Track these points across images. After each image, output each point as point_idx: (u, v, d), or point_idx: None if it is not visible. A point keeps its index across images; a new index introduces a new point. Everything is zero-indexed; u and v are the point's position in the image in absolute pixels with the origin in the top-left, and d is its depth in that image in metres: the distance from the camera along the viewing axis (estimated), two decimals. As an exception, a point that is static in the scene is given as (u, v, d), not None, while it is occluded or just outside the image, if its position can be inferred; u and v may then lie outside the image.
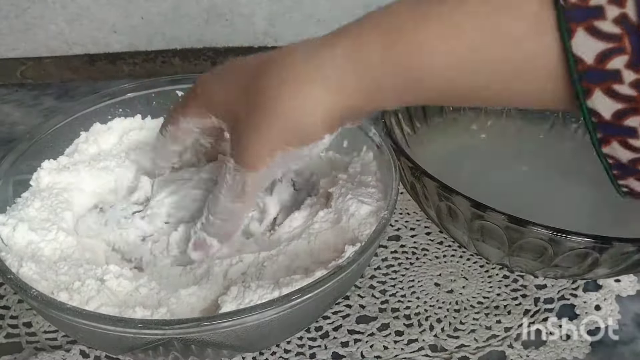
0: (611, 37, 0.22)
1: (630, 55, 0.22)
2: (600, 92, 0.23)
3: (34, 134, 0.46)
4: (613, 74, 0.23)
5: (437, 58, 0.27)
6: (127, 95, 0.50)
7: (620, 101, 0.23)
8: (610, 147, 0.25)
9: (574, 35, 0.23)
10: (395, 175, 0.41)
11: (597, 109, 0.24)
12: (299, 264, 0.39)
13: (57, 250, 0.40)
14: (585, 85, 0.24)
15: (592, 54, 0.23)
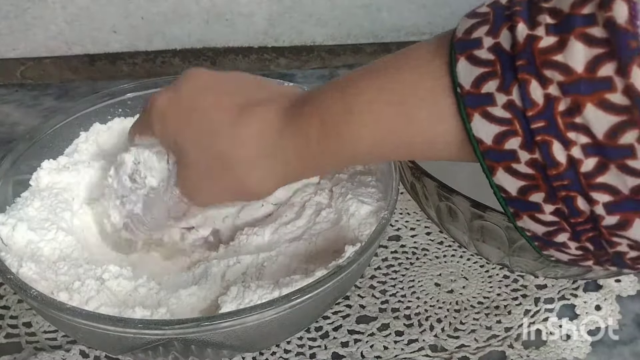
0: (504, 121, 0.24)
1: (523, 137, 0.24)
2: (502, 171, 0.25)
3: (33, 134, 0.46)
4: (510, 153, 0.24)
5: (363, 142, 0.30)
6: (126, 95, 0.50)
7: (522, 179, 0.25)
8: (522, 221, 0.26)
9: (472, 119, 0.25)
10: (395, 175, 0.41)
11: (503, 185, 0.26)
12: (299, 264, 0.39)
13: (56, 250, 0.40)
14: (489, 163, 0.25)
15: (490, 136, 0.25)
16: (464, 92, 0.25)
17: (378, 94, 0.29)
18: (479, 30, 0.25)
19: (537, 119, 0.23)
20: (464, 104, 0.25)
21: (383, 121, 0.29)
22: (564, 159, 0.23)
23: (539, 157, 0.23)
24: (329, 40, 0.76)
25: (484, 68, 0.24)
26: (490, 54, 0.24)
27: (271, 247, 0.40)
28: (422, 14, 0.74)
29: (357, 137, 0.30)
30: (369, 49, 0.77)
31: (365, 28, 0.75)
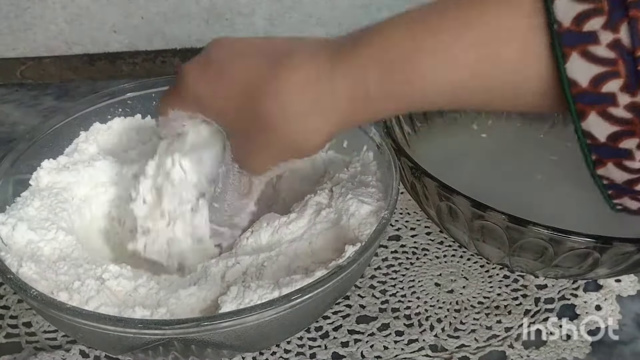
0: (606, 61, 0.23)
1: (625, 78, 0.22)
2: (595, 115, 0.24)
3: (33, 133, 0.46)
4: (608, 97, 0.23)
5: (436, 87, 0.28)
6: (126, 95, 0.50)
7: (616, 124, 0.24)
8: (605, 168, 0.25)
9: (569, 59, 0.23)
10: (396, 175, 0.41)
11: (591, 131, 0.24)
12: (299, 264, 0.39)
13: (56, 249, 0.40)
14: (580, 107, 0.24)
15: (586, 78, 0.23)
16: (563, 30, 0.23)
17: (457, 32, 0.27)
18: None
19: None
20: (561, 42, 0.23)
21: (463, 63, 0.27)
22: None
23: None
24: (329, 40, 0.76)
25: (589, 4, 0.23)
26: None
27: (271, 248, 0.40)
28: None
29: (429, 81, 0.28)
30: (369, 48, 0.77)
31: (365, 28, 0.75)
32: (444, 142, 0.56)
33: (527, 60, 0.25)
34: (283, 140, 0.33)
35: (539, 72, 0.25)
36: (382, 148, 0.44)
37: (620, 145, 0.24)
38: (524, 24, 0.25)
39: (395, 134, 0.50)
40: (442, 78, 0.28)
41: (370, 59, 0.29)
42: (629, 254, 0.40)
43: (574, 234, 0.39)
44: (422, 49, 0.27)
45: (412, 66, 0.28)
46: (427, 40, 0.27)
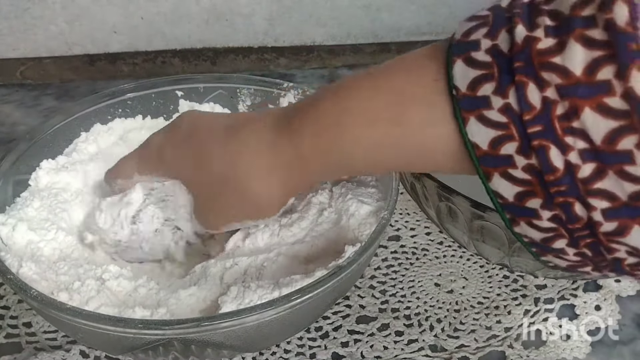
0: (500, 125, 0.24)
1: (519, 141, 0.23)
2: (498, 176, 0.25)
3: (34, 134, 0.46)
4: (506, 159, 0.24)
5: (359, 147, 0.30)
6: (127, 95, 0.50)
7: (518, 184, 0.24)
8: (520, 227, 0.26)
9: (467, 123, 0.25)
10: (395, 175, 0.41)
11: (499, 191, 0.25)
12: (299, 264, 0.39)
13: (56, 250, 0.40)
14: (484, 169, 0.25)
15: (485, 141, 0.24)
16: (460, 95, 0.25)
17: (373, 94, 0.29)
18: (477, 33, 0.25)
19: (534, 123, 0.23)
20: (459, 106, 0.25)
21: (378, 123, 0.28)
22: (561, 164, 0.22)
23: (536, 162, 0.23)
24: (329, 40, 0.76)
25: (481, 70, 0.24)
26: (488, 56, 0.24)
27: (270, 249, 0.40)
28: (422, 14, 0.74)
29: (352, 139, 0.30)
30: (369, 49, 0.77)
31: (365, 28, 0.76)
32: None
33: (433, 122, 0.26)
34: (239, 201, 0.35)
35: (445, 135, 0.26)
36: (381, 148, 0.44)
37: (527, 204, 0.25)
38: (430, 88, 0.26)
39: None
40: (364, 137, 0.29)
41: (304, 122, 0.32)
42: (629, 254, 0.40)
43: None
44: (346, 109, 0.30)
45: (338, 126, 0.30)
46: (350, 102, 0.30)
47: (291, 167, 0.33)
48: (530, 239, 0.26)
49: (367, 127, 0.29)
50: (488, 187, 0.25)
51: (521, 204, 0.25)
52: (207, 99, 0.52)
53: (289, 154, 0.32)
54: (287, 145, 0.32)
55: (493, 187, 0.25)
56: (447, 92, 0.25)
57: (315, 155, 0.32)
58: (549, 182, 0.23)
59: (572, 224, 0.24)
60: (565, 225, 0.24)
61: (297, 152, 0.32)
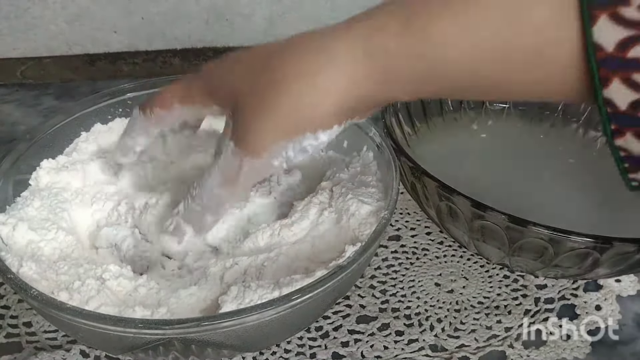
0: (635, 24, 0.22)
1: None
2: (619, 82, 0.23)
3: (34, 133, 0.46)
4: (634, 62, 0.22)
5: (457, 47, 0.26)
6: (127, 95, 0.50)
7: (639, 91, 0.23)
8: (623, 139, 0.24)
9: (596, 22, 0.22)
10: (396, 175, 0.41)
11: (613, 98, 0.23)
12: (299, 264, 0.39)
13: (56, 249, 0.40)
14: (604, 73, 0.23)
15: (613, 41, 0.22)
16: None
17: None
18: None
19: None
20: (589, 3, 0.23)
21: (486, 20, 0.25)
22: None
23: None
24: (329, 40, 0.76)
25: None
26: None
27: (270, 249, 0.40)
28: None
29: (450, 38, 0.26)
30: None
31: (365, 28, 0.75)
32: (444, 142, 0.56)
33: (556, 22, 0.24)
34: (292, 101, 0.30)
35: (564, 37, 0.24)
36: (382, 148, 0.44)
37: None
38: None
39: (395, 133, 0.51)
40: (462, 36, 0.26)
41: (390, 15, 0.28)
42: (629, 254, 0.40)
43: (574, 234, 0.39)
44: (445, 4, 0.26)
45: (437, 20, 0.26)
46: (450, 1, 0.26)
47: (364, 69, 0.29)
48: (629, 153, 0.25)
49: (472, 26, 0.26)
50: (601, 94, 0.24)
51: (636, 113, 0.23)
52: (207, 98, 0.52)
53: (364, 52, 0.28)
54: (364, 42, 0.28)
55: (608, 94, 0.23)
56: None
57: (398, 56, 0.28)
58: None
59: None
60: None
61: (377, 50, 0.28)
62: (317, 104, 0.30)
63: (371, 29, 0.28)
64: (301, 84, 0.30)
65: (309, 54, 0.30)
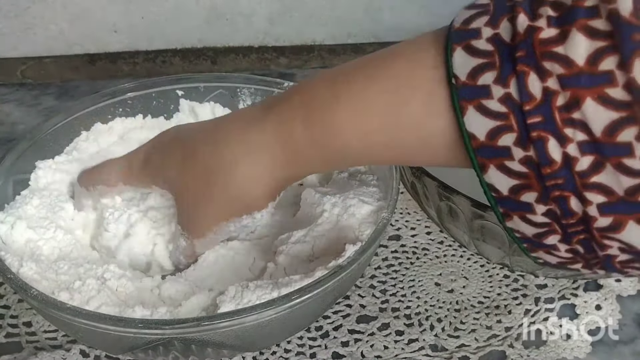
0: (499, 115, 0.23)
1: (518, 132, 0.23)
2: (494, 169, 0.24)
3: (34, 133, 0.46)
4: (504, 150, 0.23)
5: (350, 138, 0.29)
6: (127, 94, 0.50)
7: (514, 177, 0.24)
8: (512, 221, 0.26)
9: (466, 113, 0.24)
10: (396, 174, 0.41)
11: (494, 184, 0.25)
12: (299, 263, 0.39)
13: (55, 248, 0.40)
14: (480, 161, 0.24)
15: (483, 131, 0.24)
16: (459, 84, 0.24)
17: (369, 82, 0.28)
18: (478, 21, 0.24)
19: (534, 113, 0.22)
20: (458, 95, 0.24)
21: (373, 110, 0.28)
22: (559, 156, 0.22)
23: (534, 154, 0.23)
24: (329, 39, 0.76)
25: (482, 59, 0.24)
26: (489, 45, 0.23)
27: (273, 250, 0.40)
28: (423, 14, 0.74)
29: (345, 127, 0.29)
30: (369, 49, 0.77)
31: (365, 28, 0.75)
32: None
33: (431, 111, 0.26)
34: (223, 193, 0.34)
35: (442, 126, 0.25)
36: (382, 148, 0.44)
37: (521, 198, 0.24)
38: (429, 76, 0.26)
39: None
40: (355, 125, 0.29)
41: (295, 109, 0.31)
42: (629, 254, 0.40)
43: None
44: (338, 97, 0.29)
45: (331, 113, 0.29)
46: (343, 89, 0.29)
47: (279, 156, 0.32)
48: (522, 234, 0.26)
49: (363, 118, 0.28)
50: (482, 179, 0.25)
51: (516, 198, 0.24)
52: (207, 98, 0.52)
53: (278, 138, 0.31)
54: (277, 127, 0.31)
55: (488, 179, 0.25)
56: (446, 80, 0.25)
57: (307, 143, 0.31)
58: (545, 175, 0.23)
59: (566, 219, 0.24)
60: (559, 220, 0.24)
61: (287, 140, 0.31)
62: (245, 193, 0.34)
63: (280, 122, 0.31)
64: (227, 177, 0.34)
65: (228, 147, 0.33)
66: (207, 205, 0.35)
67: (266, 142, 0.32)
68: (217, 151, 0.33)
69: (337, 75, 0.30)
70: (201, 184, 0.35)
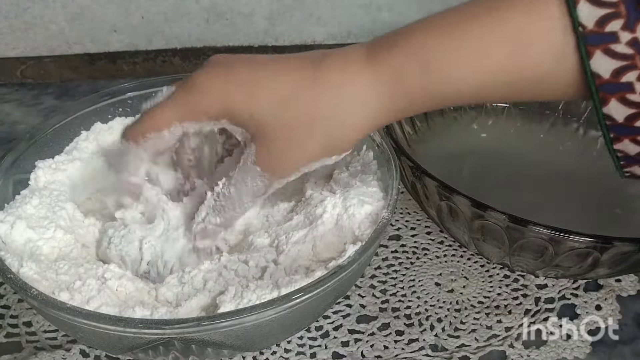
0: (625, 57, 0.27)
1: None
2: (615, 101, 0.28)
3: (34, 133, 0.46)
4: (627, 85, 0.27)
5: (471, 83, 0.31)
6: (127, 94, 0.50)
7: (632, 107, 0.27)
8: (621, 144, 0.29)
9: (592, 56, 0.27)
10: (396, 174, 0.41)
11: (611, 114, 0.28)
12: (300, 263, 0.39)
13: (55, 248, 0.40)
14: (602, 95, 0.28)
15: (608, 70, 0.27)
16: (587, 31, 0.27)
17: (487, 34, 0.30)
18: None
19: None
20: (585, 41, 0.27)
21: (495, 60, 0.30)
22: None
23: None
24: (329, 39, 0.76)
25: (608, 9, 0.26)
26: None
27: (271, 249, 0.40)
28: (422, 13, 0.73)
29: (465, 77, 0.31)
30: (369, 48, 0.77)
31: (365, 28, 0.75)
32: (444, 142, 0.56)
33: (555, 57, 0.29)
34: (322, 137, 0.35)
35: (564, 68, 0.28)
36: (382, 148, 0.44)
37: (636, 124, 0.28)
38: (551, 25, 0.28)
39: (396, 133, 0.51)
40: (476, 75, 0.31)
41: (408, 59, 0.32)
42: (629, 254, 0.40)
43: (574, 234, 0.39)
44: (457, 50, 0.31)
45: (449, 64, 0.31)
46: (460, 42, 0.31)
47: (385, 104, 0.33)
48: (626, 153, 0.30)
49: (482, 67, 0.30)
50: (601, 111, 0.28)
51: (630, 124, 0.28)
52: (207, 98, 0.52)
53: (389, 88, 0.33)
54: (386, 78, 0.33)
55: (607, 110, 0.28)
56: (571, 28, 0.27)
57: (419, 92, 0.32)
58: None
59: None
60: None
61: (399, 87, 0.32)
62: (344, 139, 0.35)
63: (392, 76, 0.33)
64: (331, 124, 0.34)
65: (333, 91, 0.34)
66: (301, 151, 0.35)
67: (375, 92, 0.33)
68: (323, 98, 0.34)
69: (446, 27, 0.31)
70: (300, 130, 0.34)
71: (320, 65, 0.34)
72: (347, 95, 0.33)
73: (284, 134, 0.35)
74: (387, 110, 0.34)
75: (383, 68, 0.33)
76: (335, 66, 0.34)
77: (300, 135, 0.35)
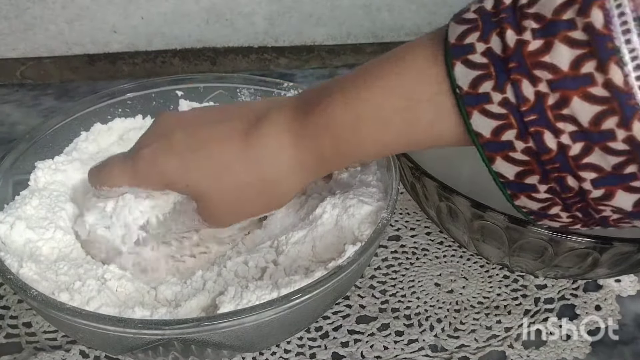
0: (500, 116, 0.27)
1: (517, 129, 0.27)
2: (501, 159, 0.28)
3: (33, 134, 0.46)
4: (507, 144, 0.28)
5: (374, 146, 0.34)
6: (127, 95, 0.50)
7: (518, 165, 0.28)
8: (520, 200, 0.30)
9: (472, 116, 0.28)
10: (396, 175, 0.41)
11: (501, 172, 0.29)
12: (299, 264, 0.39)
13: (55, 249, 0.40)
14: (488, 154, 0.29)
15: (488, 130, 0.28)
16: (463, 93, 0.28)
17: (384, 100, 0.32)
18: (470, 37, 0.28)
19: (530, 113, 0.26)
20: (463, 103, 0.28)
21: (392, 126, 0.32)
22: (554, 145, 0.26)
23: (533, 145, 0.27)
24: (329, 40, 0.76)
25: (479, 71, 0.27)
26: (484, 58, 0.27)
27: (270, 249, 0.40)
28: (422, 13, 0.74)
29: (368, 142, 0.34)
30: (369, 49, 0.77)
31: (365, 28, 0.76)
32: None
33: (442, 118, 0.30)
34: (256, 199, 0.37)
35: (451, 127, 0.30)
36: (382, 148, 0.44)
37: (526, 181, 0.28)
38: (435, 89, 0.30)
39: (395, 134, 0.50)
40: (377, 139, 0.33)
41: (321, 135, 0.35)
42: (629, 254, 0.40)
43: (574, 234, 0.39)
44: (360, 116, 0.33)
45: (355, 134, 0.34)
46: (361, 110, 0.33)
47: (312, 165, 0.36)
48: (529, 209, 0.30)
49: (381, 131, 0.33)
50: (491, 169, 0.29)
51: (521, 181, 0.29)
52: (207, 98, 0.52)
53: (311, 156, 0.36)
54: (309, 150, 0.35)
55: (496, 168, 0.29)
56: (451, 90, 0.29)
57: (334, 156, 0.35)
58: (544, 161, 0.27)
59: (565, 194, 0.28)
60: (559, 195, 0.28)
61: (319, 155, 0.35)
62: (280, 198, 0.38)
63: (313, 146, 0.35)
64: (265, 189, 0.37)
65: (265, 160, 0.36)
66: (239, 208, 0.38)
67: (302, 161, 0.36)
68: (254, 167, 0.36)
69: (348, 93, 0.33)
70: (236, 193, 0.37)
71: (252, 133, 0.36)
72: (278, 163, 0.36)
73: (220, 199, 0.38)
74: (314, 172, 0.37)
75: (305, 141, 0.35)
76: (265, 133, 0.36)
77: (235, 200, 0.37)
